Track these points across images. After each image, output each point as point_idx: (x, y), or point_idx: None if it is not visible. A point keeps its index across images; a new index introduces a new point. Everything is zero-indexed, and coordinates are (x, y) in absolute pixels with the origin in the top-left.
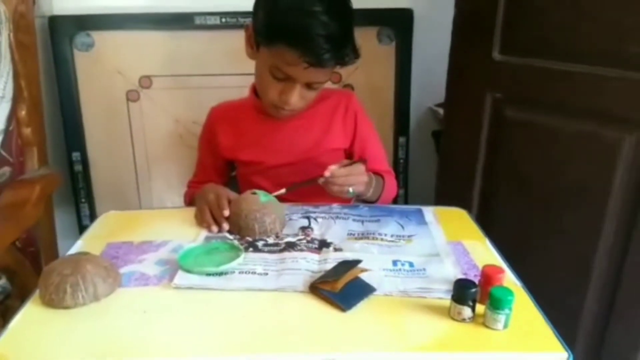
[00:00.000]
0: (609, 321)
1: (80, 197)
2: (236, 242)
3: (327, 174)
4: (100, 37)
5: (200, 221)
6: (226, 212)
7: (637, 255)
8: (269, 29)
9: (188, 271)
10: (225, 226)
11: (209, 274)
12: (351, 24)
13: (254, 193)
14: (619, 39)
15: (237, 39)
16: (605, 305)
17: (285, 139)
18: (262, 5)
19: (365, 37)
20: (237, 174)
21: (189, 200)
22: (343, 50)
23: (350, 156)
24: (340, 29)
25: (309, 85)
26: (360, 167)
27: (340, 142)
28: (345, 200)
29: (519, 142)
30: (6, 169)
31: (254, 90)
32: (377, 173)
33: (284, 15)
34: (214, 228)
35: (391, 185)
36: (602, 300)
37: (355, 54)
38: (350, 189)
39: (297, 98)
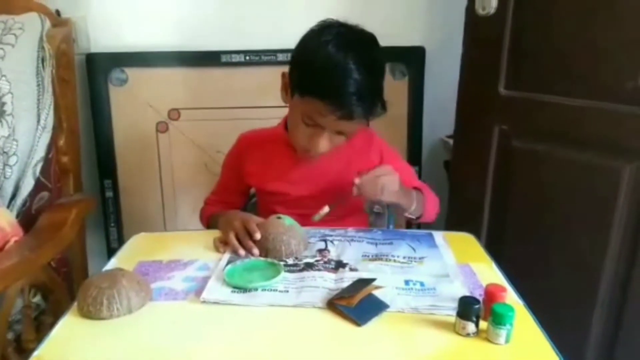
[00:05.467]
0: (616, 342)
1: (110, 221)
2: (275, 260)
3: (356, 181)
4: (134, 73)
5: (225, 245)
6: (257, 235)
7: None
8: (303, 83)
9: (238, 287)
10: (256, 251)
11: (234, 291)
12: (381, 80)
13: (279, 217)
14: (616, 75)
15: (260, 75)
16: (611, 328)
17: (309, 172)
18: (298, 59)
19: None
20: (257, 201)
21: (207, 219)
22: (373, 105)
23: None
24: (371, 86)
25: (338, 132)
26: (386, 167)
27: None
28: (362, 223)
29: (524, 172)
30: (45, 194)
31: (285, 125)
32: (414, 188)
33: (318, 73)
34: (242, 252)
35: (431, 196)
36: (609, 322)
37: (384, 108)
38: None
39: (326, 143)
